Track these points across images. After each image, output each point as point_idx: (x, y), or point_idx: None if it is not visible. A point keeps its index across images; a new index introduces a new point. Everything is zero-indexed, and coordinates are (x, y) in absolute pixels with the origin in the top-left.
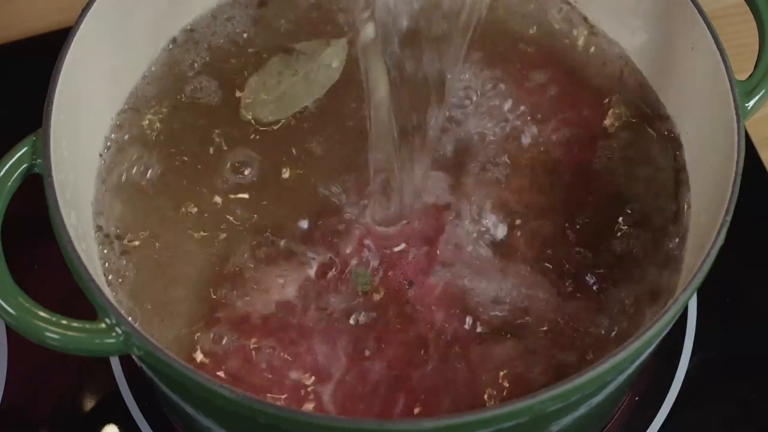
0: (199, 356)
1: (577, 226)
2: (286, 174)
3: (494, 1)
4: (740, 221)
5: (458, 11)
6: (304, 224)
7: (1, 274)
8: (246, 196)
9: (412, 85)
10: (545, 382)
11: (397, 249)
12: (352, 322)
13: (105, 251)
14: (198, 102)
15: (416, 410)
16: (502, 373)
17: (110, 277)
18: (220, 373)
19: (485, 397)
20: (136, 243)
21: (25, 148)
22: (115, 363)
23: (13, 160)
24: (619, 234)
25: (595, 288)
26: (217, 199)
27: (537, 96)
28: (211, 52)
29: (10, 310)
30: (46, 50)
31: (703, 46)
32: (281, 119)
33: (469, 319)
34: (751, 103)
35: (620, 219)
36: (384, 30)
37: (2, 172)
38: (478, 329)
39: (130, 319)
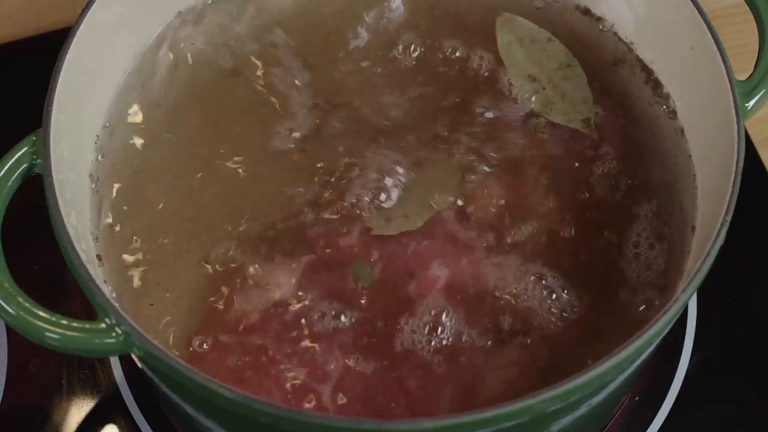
0: (199, 356)
1: (578, 225)
2: (285, 169)
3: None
4: (740, 221)
5: None
6: (303, 219)
7: (1, 274)
8: (246, 193)
9: None
10: (546, 381)
11: (397, 243)
12: (352, 318)
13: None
14: (198, 100)
15: (416, 409)
16: (503, 371)
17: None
18: (220, 373)
19: (486, 395)
20: (135, 242)
21: (25, 148)
22: (115, 363)
23: (13, 160)
24: (618, 234)
25: (595, 287)
26: (216, 197)
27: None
28: (209, 49)
29: (10, 310)
30: (46, 50)
31: (703, 46)
32: None
33: (469, 315)
34: (751, 103)
35: (620, 219)
36: None
37: (2, 172)
38: (480, 325)
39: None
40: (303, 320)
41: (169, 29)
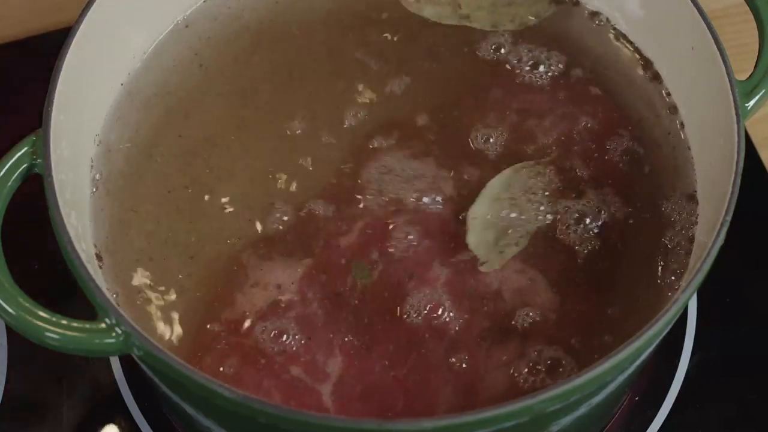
0: (199, 355)
1: (579, 226)
2: (284, 167)
3: None
4: (740, 221)
5: None
6: (302, 218)
7: (1, 274)
8: (248, 192)
9: None
10: (546, 380)
11: (397, 242)
12: (352, 318)
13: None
14: (198, 99)
15: (416, 409)
16: (503, 371)
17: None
18: (220, 372)
19: (487, 395)
20: (135, 242)
21: (25, 148)
22: (115, 363)
23: (13, 160)
24: (619, 233)
25: (596, 288)
26: (217, 196)
27: (549, 96)
28: (209, 47)
29: (10, 310)
30: (46, 50)
31: (703, 46)
32: None
33: (469, 314)
34: (751, 103)
35: (619, 218)
36: None
37: (2, 172)
38: (480, 324)
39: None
40: (303, 320)
41: (170, 27)
